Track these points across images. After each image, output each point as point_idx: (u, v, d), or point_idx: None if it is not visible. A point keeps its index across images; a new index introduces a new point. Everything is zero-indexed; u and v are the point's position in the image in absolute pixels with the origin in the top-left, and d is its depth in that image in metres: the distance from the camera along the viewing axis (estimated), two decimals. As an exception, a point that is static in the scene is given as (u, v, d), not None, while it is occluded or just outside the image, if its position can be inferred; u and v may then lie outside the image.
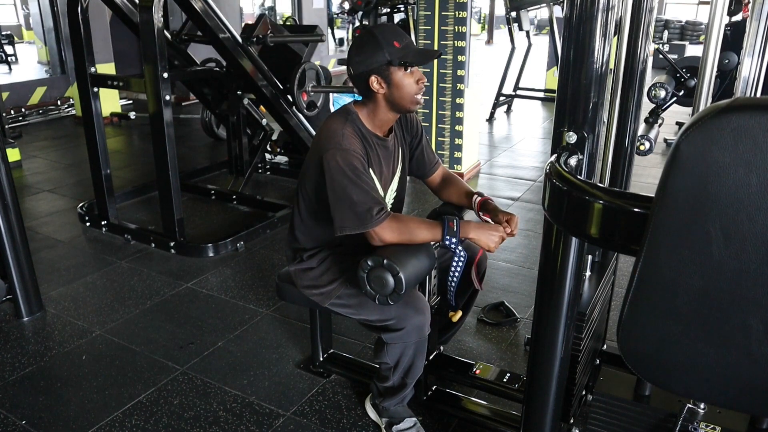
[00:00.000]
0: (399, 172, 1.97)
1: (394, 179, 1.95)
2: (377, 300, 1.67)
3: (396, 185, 1.97)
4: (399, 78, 1.72)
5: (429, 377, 2.05)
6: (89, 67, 3.39)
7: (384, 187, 1.88)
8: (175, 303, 2.86)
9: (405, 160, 2.00)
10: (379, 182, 1.83)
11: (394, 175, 1.94)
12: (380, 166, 1.84)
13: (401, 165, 1.98)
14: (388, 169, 1.89)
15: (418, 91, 1.75)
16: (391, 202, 1.97)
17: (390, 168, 1.90)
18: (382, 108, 1.79)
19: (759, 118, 0.55)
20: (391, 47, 1.69)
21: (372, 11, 7.14)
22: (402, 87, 1.73)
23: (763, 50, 1.56)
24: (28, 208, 4.11)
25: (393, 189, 1.96)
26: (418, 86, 1.75)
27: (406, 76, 1.72)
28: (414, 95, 1.75)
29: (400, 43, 1.70)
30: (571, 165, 1.16)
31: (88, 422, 2.07)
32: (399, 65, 1.70)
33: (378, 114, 1.80)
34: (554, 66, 7.37)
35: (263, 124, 4.33)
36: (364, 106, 1.82)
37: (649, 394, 1.83)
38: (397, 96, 1.74)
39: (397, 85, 1.72)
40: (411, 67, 1.72)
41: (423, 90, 1.78)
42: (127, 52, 7.14)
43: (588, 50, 1.11)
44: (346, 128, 1.75)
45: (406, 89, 1.73)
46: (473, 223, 1.78)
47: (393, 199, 1.98)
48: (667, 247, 0.65)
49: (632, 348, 0.74)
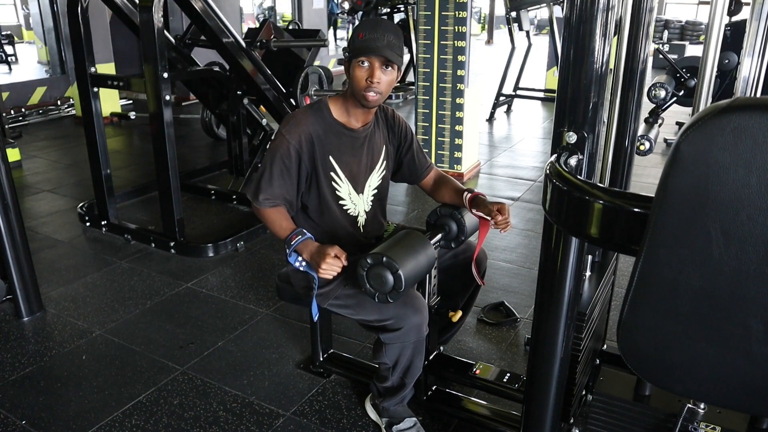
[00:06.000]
0: (379, 169, 1.99)
1: (372, 174, 1.97)
2: (376, 298, 1.67)
3: (376, 182, 1.99)
4: (352, 69, 1.76)
5: (429, 377, 2.05)
6: (89, 67, 3.39)
7: (352, 179, 1.91)
8: (175, 303, 2.86)
9: (389, 159, 2.01)
10: (343, 172, 1.88)
11: (371, 170, 1.96)
12: (344, 155, 1.88)
13: (383, 162, 1.99)
14: (358, 161, 1.91)
15: (366, 87, 1.75)
16: (370, 199, 1.99)
17: (361, 160, 1.92)
18: (351, 97, 1.83)
19: (759, 118, 0.55)
20: (355, 38, 1.74)
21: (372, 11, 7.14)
22: (353, 77, 1.77)
23: (763, 50, 1.56)
24: (28, 208, 4.11)
25: (371, 186, 1.98)
26: (366, 82, 1.74)
27: (357, 68, 1.74)
28: (362, 89, 1.76)
29: (363, 36, 1.72)
30: (571, 165, 1.16)
31: (88, 422, 2.07)
32: (351, 56, 1.75)
33: (348, 103, 1.86)
34: (554, 66, 7.37)
35: (263, 124, 4.33)
36: (341, 96, 1.89)
37: (649, 394, 1.83)
38: (350, 84, 1.80)
39: (351, 74, 1.77)
40: (356, 59, 1.73)
41: (374, 88, 1.74)
42: (127, 52, 7.13)
43: (588, 50, 1.11)
44: (303, 115, 1.84)
45: (354, 81, 1.77)
46: (313, 245, 1.75)
47: (373, 196, 1.99)
48: (667, 247, 0.65)
49: (632, 348, 0.74)
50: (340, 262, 1.70)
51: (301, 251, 1.77)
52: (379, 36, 1.71)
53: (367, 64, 1.73)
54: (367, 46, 1.71)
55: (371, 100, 1.77)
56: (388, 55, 1.72)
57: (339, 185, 1.89)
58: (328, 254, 1.69)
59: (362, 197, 1.96)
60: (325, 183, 1.87)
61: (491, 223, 1.87)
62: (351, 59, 1.76)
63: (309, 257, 1.74)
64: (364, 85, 1.75)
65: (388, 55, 1.72)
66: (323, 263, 1.68)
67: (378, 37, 1.71)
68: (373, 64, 1.73)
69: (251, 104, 4.33)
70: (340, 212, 1.93)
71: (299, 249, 1.77)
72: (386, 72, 1.75)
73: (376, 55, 1.71)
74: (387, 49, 1.71)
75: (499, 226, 1.84)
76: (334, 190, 1.89)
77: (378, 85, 1.74)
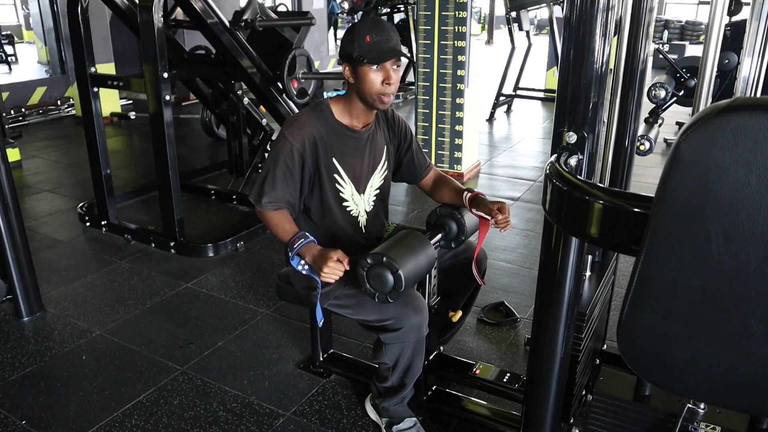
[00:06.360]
0: (381, 169, 1.99)
1: (373, 175, 1.97)
2: (376, 298, 1.67)
3: (378, 182, 1.99)
4: (364, 72, 1.74)
5: (429, 377, 2.05)
6: (89, 67, 3.39)
7: (355, 180, 1.92)
8: (175, 303, 2.86)
9: (390, 159, 2.02)
10: (346, 173, 1.88)
11: (373, 170, 1.96)
12: (347, 156, 1.88)
13: (385, 162, 1.99)
14: (361, 161, 1.92)
15: (383, 90, 1.75)
16: (372, 200, 1.99)
17: (364, 161, 1.92)
18: (354, 99, 1.83)
19: (759, 118, 0.55)
20: (361, 41, 1.72)
21: (372, 11, 7.15)
22: (366, 82, 1.75)
23: (763, 50, 1.56)
24: (28, 208, 4.11)
25: (373, 186, 1.98)
26: (383, 86, 1.75)
27: (371, 71, 1.74)
28: (377, 93, 1.76)
29: (371, 39, 1.71)
30: (571, 165, 1.16)
31: (88, 422, 2.07)
32: (366, 61, 1.72)
33: (352, 105, 1.85)
34: (554, 66, 7.37)
35: (263, 124, 4.33)
36: (342, 98, 1.88)
37: (649, 394, 1.83)
38: (361, 89, 1.78)
39: (362, 78, 1.76)
40: (372, 64, 1.72)
41: (389, 89, 1.76)
42: (127, 52, 7.14)
43: (588, 50, 1.11)
44: (306, 118, 1.83)
45: (369, 85, 1.75)
46: (316, 249, 1.73)
47: (375, 196, 1.99)
48: (667, 247, 0.65)
49: (632, 348, 0.74)
50: (342, 266, 1.69)
51: (303, 254, 1.76)
52: (387, 37, 1.73)
53: (383, 67, 1.74)
54: (381, 48, 1.71)
55: (387, 101, 1.78)
56: (401, 53, 1.76)
57: (342, 186, 1.90)
58: (330, 258, 1.67)
59: (364, 197, 1.96)
60: (329, 185, 1.87)
61: (491, 223, 1.87)
62: (361, 63, 1.73)
63: (311, 261, 1.73)
64: (379, 89, 1.75)
65: (401, 54, 1.75)
66: (325, 267, 1.67)
67: (387, 38, 1.73)
68: (387, 65, 1.74)
69: (251, 104, 4.33)
70: (342, 213, 1.93)
71: (302, 252, 1.76)
72: (396, 71, 1.77)
73: (391, 57, 1.73)
74: (398, 48, 1.74)
75: (499, 225, 1.84)
76: (337, 192, 1.89)
77: (393, 84, 1.76)
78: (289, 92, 3.69)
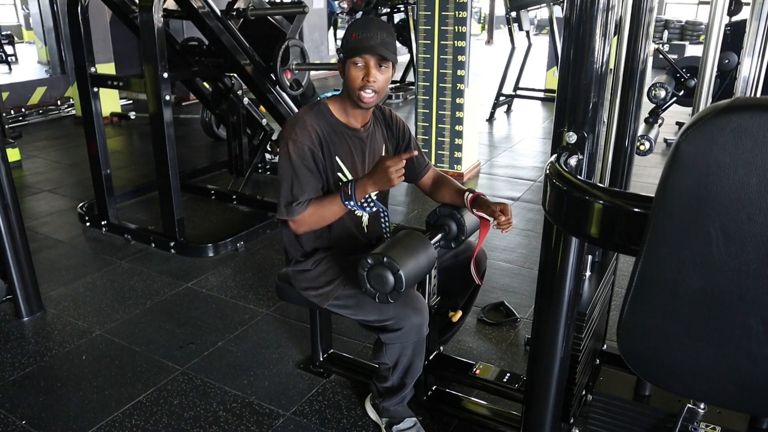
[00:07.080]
0: None
1: None
2: (377, 298, 1.67)
3: None
4: (348, 68, 1.76)
5: (429, 377, 2.05)
6: (89, 67, 3.39)
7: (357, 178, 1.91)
8: (175, 303, 2.86)
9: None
10: (350, 172, 1.88)
11: None
12: (350, 155, 1.88)
13: None
14: (362, 160, 1.92)
15: (362, 86, 1.75)
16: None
17: (365, 160, 1.93)
18: (346, 96, 1.84)
19: (759, 118, 0.55)
20: (348, 38, 1.75)
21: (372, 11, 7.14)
22: (348, 77, 1.77)
23: (763, 50, 1.55)
24: (28, 208, 4.11)
25: None
26: (362, 82, 1.75)
27: (353, 68, 1.75)
28: (357, 89, 1.76)
29: (357, 36, 1.73)
30: (571, 165, 1.16)
31: (88, 422, 2.07)
32: (345, 56, 1.75)
33: (346, 103, 1.85)
34: (554, 66, 7.37)
35: (263, 124, 4.32)
36: (338, 97, 1.89)
37: (649, 394, 1.83)
38: (347, 85, 1.80)
39: (346, 74, 1.78)
40: (351, 58, 1.74)
41: (369, 87, 1.75)
42: (127, 52, 7.13)
43: (588, 50, 1.11)
44: (307, 117, 1.82)
45: (350, 80, 1.77)
46: (366, 179, 1.77)
47: (375, 195, 1.99)
48: (667, 247, 0.65)
49: (632, 348, 0.74)
50: (398, 161, 1.71)
51: (363, 193, 1.76)
52: (372, 34, 1.72)
53: (362, 64, 1.74)
54: (362, 45, 1.71)
55: (366, 100, 1.77)
56: (383, 52, 1.72)
57: None
58: (385, 168, 1.70)
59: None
60: (333, 183, 1.86)
61: (493, 223, 1.87)
62: (346, 59, 1.76)
63: (374, 186, 1.74)
64: (359, 85, 1.75)
65: (383, 53, 1.72)
66: (389, 175, 1.70)
67: (371, 35, 1.72)
68: (369, 63, 1.73)
69: (251, 104, 4.33)
70: (347, 213, 1.92)
71: (358, 195, 1.76)
72: (381, 70, 1.76)
73: (371, 53, 1.72)
74: (381, 47, 1.72)
75: (501, 226, 1.84)
76: None
77: (374, 83, 1.75)
78: (282, 83, 3.62)
